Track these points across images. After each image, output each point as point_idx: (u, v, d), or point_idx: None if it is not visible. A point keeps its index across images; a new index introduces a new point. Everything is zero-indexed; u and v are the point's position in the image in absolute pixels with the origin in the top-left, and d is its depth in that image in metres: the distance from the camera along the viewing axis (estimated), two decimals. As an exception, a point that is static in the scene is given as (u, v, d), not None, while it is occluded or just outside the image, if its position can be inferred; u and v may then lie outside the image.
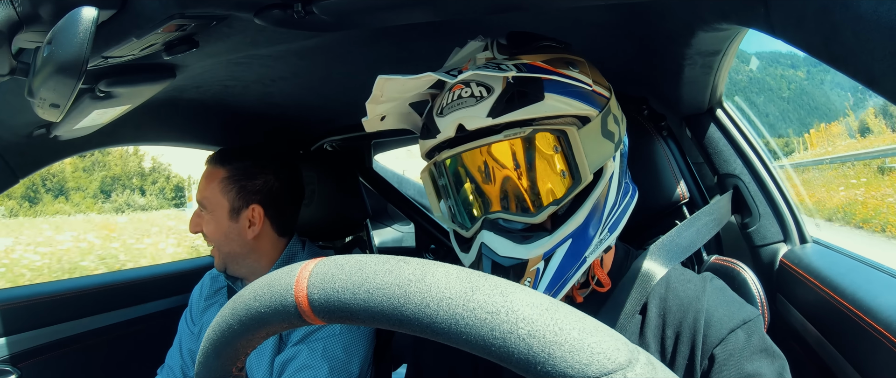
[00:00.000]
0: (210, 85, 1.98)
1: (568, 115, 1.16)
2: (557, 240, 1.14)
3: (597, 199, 1.17)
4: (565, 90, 1.16)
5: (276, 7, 1.22)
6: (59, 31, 1.00)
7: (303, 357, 1.80)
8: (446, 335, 0.56)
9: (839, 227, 12.04)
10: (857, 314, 1.27)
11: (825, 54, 0.77)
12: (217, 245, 2.01)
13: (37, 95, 1.13)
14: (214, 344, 0.72)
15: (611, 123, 1.20)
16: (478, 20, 1.55)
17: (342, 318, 0.61)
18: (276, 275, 0.67)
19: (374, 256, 0.63)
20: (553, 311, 0.54)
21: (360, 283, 0.60)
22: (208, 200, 2.00)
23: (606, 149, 1.19)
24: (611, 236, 1.22)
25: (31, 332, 2.20)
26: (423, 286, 0.57)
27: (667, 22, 1.43)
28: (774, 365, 1.12)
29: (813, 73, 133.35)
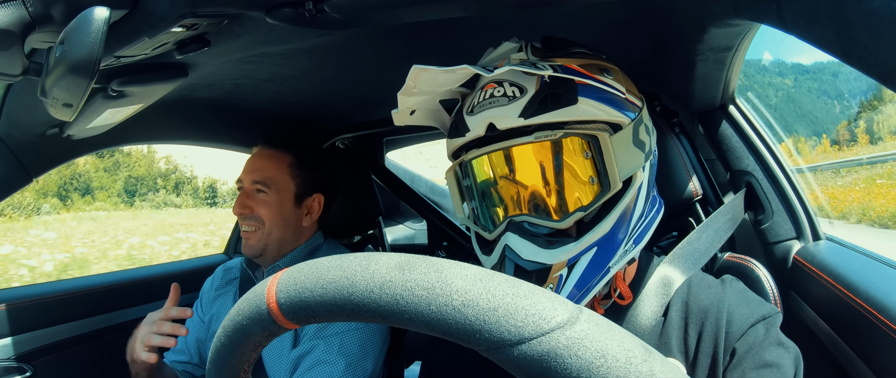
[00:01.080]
0: (222, 83, 1.99)
1: (600, 121, 1.15)
2: (583, 247, 1.13)
3: (625, 208, 1.16)
4: (599, 96, 1.15)
5: (287, 5, 1.22)
6: (71, 31, 1.01)
7: (318, 352, 1.81)
8: (391, 317, 0.58)
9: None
10: (871, 312, 1.27)
11: (838, 50, 0.77)
12: (271, 228, 2.03)
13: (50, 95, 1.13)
14: (214, 362, 0.75)
15: (642, 133, 1.20)
16: (489, 18, 1.54)
17: (307, 316, 0.64)
18: (255, 288, 0.69)
19: (331, 257, 0.66)
20: (486, 280, 0.56)
21: (316, 280, 0.63)
22: (274, 181, 2.05)
23: (637, 158, 1.18)
24: (636, 248, 1.22)
25: (45, 329, 2.21)
26: (367, 274, 0.60)
27: (678, 18, 1.43)
28: (791, 354, 1.13)
29: (800, 80, 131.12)
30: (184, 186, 63.45)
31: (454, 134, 1.27)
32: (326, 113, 2.56)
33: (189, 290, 2.54)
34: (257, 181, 2.04)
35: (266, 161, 2.08)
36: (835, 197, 16.43)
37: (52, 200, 47.74)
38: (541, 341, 0.52)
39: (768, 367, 1.10)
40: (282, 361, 1.89)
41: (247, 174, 2.07)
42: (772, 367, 1.10)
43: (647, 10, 1.49)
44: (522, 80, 1.15)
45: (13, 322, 2.12)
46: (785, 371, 1.09)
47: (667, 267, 1.34)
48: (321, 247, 2.21)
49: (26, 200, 49.24)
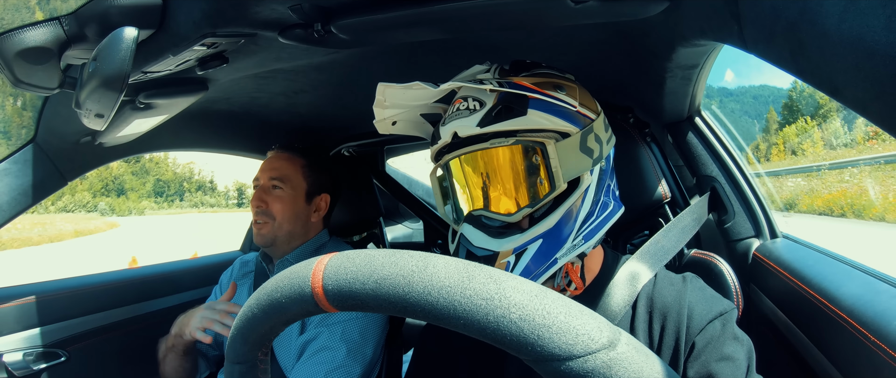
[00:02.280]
0: (239, 96, 1.99)
1: (549, 130, 1.19)
2: (528, 238, 1.18)
3: (570, 206, 1.19)
4: (548, 108, 1.19)
5: (298, 27, 1.23)
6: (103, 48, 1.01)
7: (323, 338, 1.83)
8: (446, 320, 0.57)
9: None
10: (823, 302, 1.27)
11: (793, 68, 0.78)
12: (281, 221, 2.06)
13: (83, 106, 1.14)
14: (242, 331, 0.73)
15: (591, 141, 1.22)
16: (480, 39, 1.55)
17: (353, 305, 0.63)
18: (296, 269, 0.68)
19: (382, 251, 0.64)
20: (542, 296, 0.55)
21: (369, 274, 0.61)
22: (289, 179, 2.09)
23: (583, 162, 1.20)
24: (586, 244, 1.23)
25: (79, 318, 2.20)
26: (424, 276, 0.58)
27: (651, 39, 1.44)
28: (744, 347, 1.14)
29: (725, 102, 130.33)
30: (206, 189, 64.09)
31: (432, 142, 1.33)
32: (333, 124, 2.57)
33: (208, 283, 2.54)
34: (274, 178, 2.07)
35: (283, 161, 2.11)
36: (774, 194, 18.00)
37: (106, 199, 48.18)
38: (587, 360, 0.53)
39: (726, 359, 1.11)
40: (290, 347, 1.89)
41: (264, 172, 2.10)
42: (729, 360, 1.11)
43: (622, 32, 1.50)
44: (483, 97, 1.22)
45: (50, 312, 2.12)
46: (740, 363, 1.11)
47: (635, 262, 1.34)
48: (327, 244, 2.23)
49: (85, 199, 49.84)
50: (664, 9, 1.18)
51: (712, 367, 1.10)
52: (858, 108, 0.66)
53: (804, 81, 0.76)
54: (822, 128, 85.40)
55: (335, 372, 1.76)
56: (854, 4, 0.61)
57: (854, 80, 0.64)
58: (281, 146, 2.17)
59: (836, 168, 33.58)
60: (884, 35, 0.57)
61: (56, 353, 2.11)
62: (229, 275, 2.32)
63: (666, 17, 1.24)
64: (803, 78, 0.76)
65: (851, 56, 0.62)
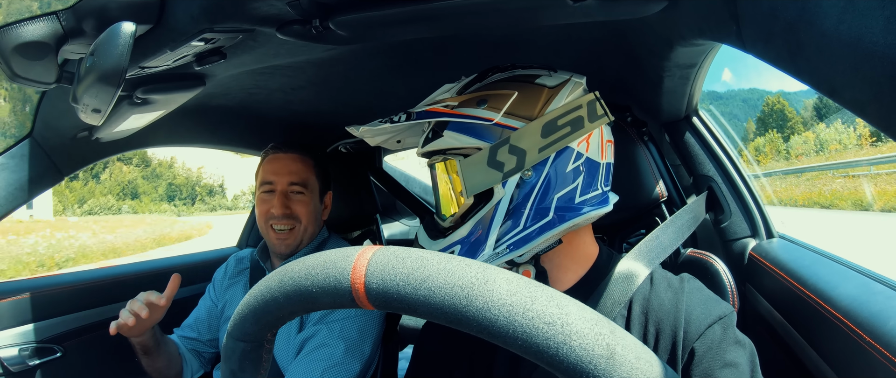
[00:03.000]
0: (236, 92, 1.99)
1: (464, 147, 1.25)
2: (447, 243, 1.27)
3: (481, 217, 1.23)
4: (460, 128, 1.24)
5: (296, 23, 1.23)
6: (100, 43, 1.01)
7: (321, 336, 1.84)
8: (502, 339, 0.55)
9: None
10: (819, 302, 1.28)
11: (791, 67, 0.78)
12: (306, 224, 2.08)
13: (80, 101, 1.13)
14: (255, 310, 0.71)
15: (502, 155, 1.21)
16: (479, 36, 1.55)
17: (397, 308, 0.61)
18: (330, 258, 0.66)
19: (433, 253, 0.62)
20: (600, 325, 0.55)
21: (423, 280, 0.59)
22: (309, 182, 2.10)
23: (490, 176, 1.22)
24: (514, 253, 1.23)
25: (75, 314, 2.20)
26: (485, 290, 0.56)
27: (649, 38, 1.44)
28: (747, 352, 1.13)
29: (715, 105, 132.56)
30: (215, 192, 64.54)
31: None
32: (331, 120, 2.56)
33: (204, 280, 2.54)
34: (296, 182, 2.06)
35: (298, 164, 2.10)
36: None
37: (130, 202, 48.48)
38: None
39: (729, 366, 1.10)
40: (288, 344, 1.90)
41: (281, 176, 2.07)
42: (732, 367, 1.09)
43: (621, 31, 1.50)
44: (433, 121, 1.32)
45: (44, 307, 2.12)
46: (743, 369, 1.10)
47: (630, 261, 1.33)
48: (327, 240, 2.23)
49: (109, 203, 50.30)
50: (663, 8, 1.18)
51: (716, 375, 1.10)
52: (856, 110, 0.66)
53: (802, 82, 0.76)
54: (787, 141, 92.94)
55: (333, 369, 1.77)
56: (853, 5, 0.61)
57: (852, 82, 0.64)
58: (286, 145, 2.14)
59: (792, 173, 41.75)
60: (882, 36, 0.57)
61: (51, 349, 2.11)
62: (223, 271, 2.32)
63: (664, 17, 1.24)
64: (801, 78, 0.76)
65: (850, 57, 0.62)
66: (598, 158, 1.26)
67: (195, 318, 2.26)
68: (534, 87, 1.25)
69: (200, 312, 2.27)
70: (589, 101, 1.25)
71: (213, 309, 2.26)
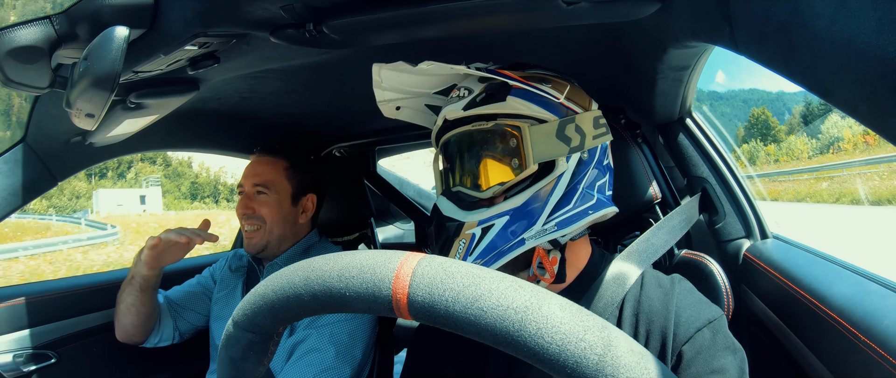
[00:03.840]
0: (230, 96, 1.99)
1: (527, 116, 1.23)
2: (494, 212, 1.21)
3: (540, 188, 1.21)
4: (528, 96, 1.23)
5: (289, 27, 1.23)
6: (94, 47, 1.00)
7: (311, 340, 1.85)
8: (551, 366, 0.55)
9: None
10: (814, 302, 1.28)
11: (784, 69, 0.78)
12: (271, 226, 2.09)
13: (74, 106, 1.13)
14: (272, 304, 0.69)
15: (570, 130, 1.23)
16: (473, 39, 1.55)
17: (442, 324, 0.59)
18: (368, 263, 0.63)
19: (484, 270, 0.61)
20: (647, 359, 0.55)
21: (474, 299, 0.57)
22: (274, 183, 2.11)
23: (557, 148, 1.22)
24: (560, 231, 1.22)
25: (69, 320, 2.20)
26: (539, 316, 0.55)
27: (642, 40, 1.44)
28: (736, 359, 1.13)
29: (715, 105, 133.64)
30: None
31: (434, 126, 1.40)
32: (325, 124, 2.57)
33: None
34: (258, 184, 2.09)
35: (264, 166, 2.13)
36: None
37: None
38: None
39: (717, 373, 1.10)
40: (279, 349, 1.90)
41: (247, 179, 2.11)
42: (719, 374, 1.10)
43: (614, 33, 1.50)
44: (473, 86, 1.30)
45: (40, 313, 2.11)
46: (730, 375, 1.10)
47: (622, 262, 1.34)
48: (315, 245, 2.25)
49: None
50: (656, 10, 1.18)
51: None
52: (849, 110, 0.66)
53: (795, 83, 0.76)
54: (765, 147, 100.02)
55: (324, 374, 1.78)
56: (845, 6, 0.61)
57: (844, 82, 0.64)
58: (263, 149, 2.19)
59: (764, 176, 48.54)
60: (874, 37, 0.57)
61: (46, 355, 2.10)
62: (223, 263, 2.35)
63: (657, 19, 1.24)
64: (794, 79, 0.76)
65: (842, 58, 0.62)
66: (611, 163, 1.34)
67: (188, 288, 2.31)
68: (578, 86, 1.33)
69: (195, 286, 2.31)
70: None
71: (209, 288, 2.31)
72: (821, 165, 46.59)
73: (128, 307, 2.02)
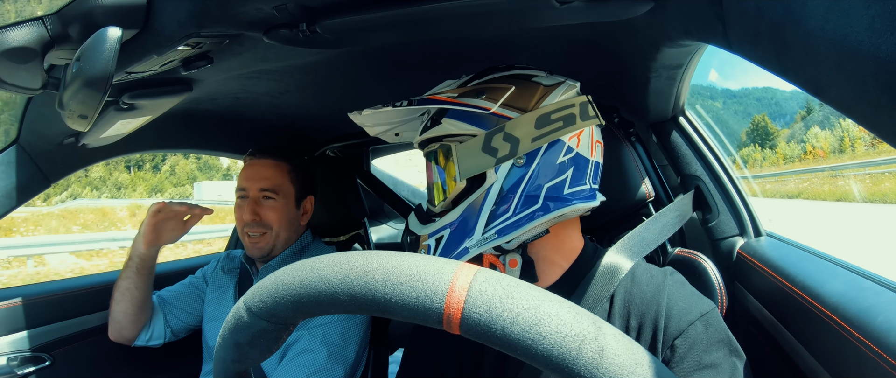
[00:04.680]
0: (224, 97, 1.98)
1: (461, 134, 1.29)
2: (439, 226, 1.30)
3: (472, 201, 1.26)
4: (460, 116, 1.29)
5: (283, 27, 1.23)
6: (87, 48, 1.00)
7: (303, 342, 1.85)
8: None
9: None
10: (807, 299, 1.28)
11: (777, 67, 0.78)
12: (278, 231, 2.09)
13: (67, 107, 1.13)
14: (298, 296, 0.66)
15: (497, 141, 1.24)
16: (466, 38, 1.55)
17: (495, 343, 0.57)
18: (418, 270, 0.61)
19: (543, 293, 0.59)
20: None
21: (533, 323, 0.56)
22: (281, 188, 2.10)
23: (484, 161, 1.25)
24: (501, 238, 1.24)
25: (64, 322, 2.19)
26: (596, 347, 0.55)
27: (636, 39, 1.44)
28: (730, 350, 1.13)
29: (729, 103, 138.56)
30: None
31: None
32: (318, 124, 2.56)
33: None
34: (266, 189, 2.07)
35: (270, 170, 2.11)
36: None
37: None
38: None
39: (710, 367, 1.10)
40: None
41: (252, 182, 2.08)
42: (712, 368, 1.10)
43: (607, 32, 1.50)
44: (432, 109, 1.38)
45: (33, 316, 2.10)
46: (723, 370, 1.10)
47: (614, 254, 1.35)
48: (309, 246, 2.25)
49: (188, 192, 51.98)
50: (649, 9, 1.18)
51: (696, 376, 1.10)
52: (842, 109, 0.66)
53: (788, 81, 0.77)
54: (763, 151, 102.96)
55: (316, 375, 1.78)
56: (838, 5, 0.61)
57: (838, 81, 0.64)
58: (261, 151, 2.16)
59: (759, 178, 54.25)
60: (867, 35, 0.57)
61: (40, 358, 2.09)
62: (215, 264, 2.35)
63: (651, 18, 1.25)
64: (787, 78, 0.76)
65: (835, 56, 0.63)
66: (587, 155, 1.29)
67: (180, 288, 2.31)
68: (530, 83, 1.30)
69: (186, 286, 2.31)
70: (582, 102, 1.29)
71: (201, 287, 2.30)
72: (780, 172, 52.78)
73: (122, 293, 2.02)
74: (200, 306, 2.25)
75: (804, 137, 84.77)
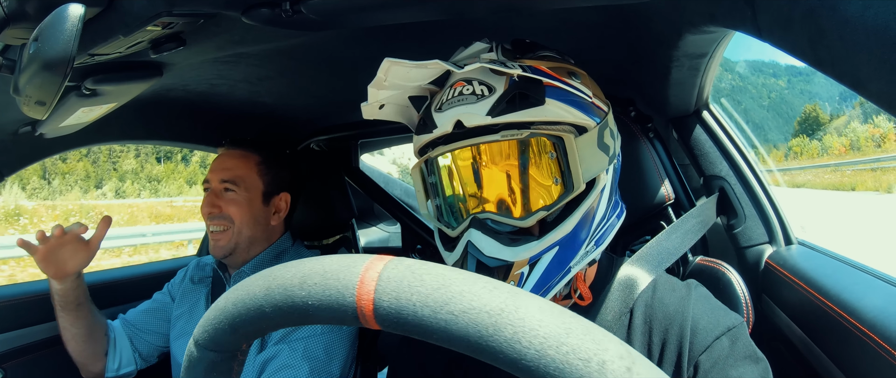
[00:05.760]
0: (197, 83, 1.98)
1: (566, 123, 1.16)
2: (545, 246, 1.14)
3: (587, 209, 1.17)
4: (566, 98, 1.16)
5: (264, 5, 1.22)
6: (45, 28, 1.00)
7: (283, 356, 1.82)
8: (532, 373, 0.53)
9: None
10: (842, 315, 1.28)
11: (812, 57, 0.78)
12: (240, 227, 2.06)
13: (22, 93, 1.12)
14: (232, 318, 0.67)
15: (607, 136, 1.20)
16: (466, 21, 1.54)
17: (411, 331, 0.57)
18: (331, 268, 0.62)
19: (455, 271, 0.59)
20: (638, 364, 0.53)
21: (444, 302, 0.56)
22: (243, 180, 2.07)
23: (601, 160, 1.19)
24: (597, 250, 1.22)
25: (16, 331, 2.18)
26: (515, 318, 0.54)
27: (655, 24, 1.44)
28: (758, 368, 1.13)
29: (794, 82, 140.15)
30: None
31: (422, 130, 1.27)
32: (301, 114, 2.55)
33: (161, 292, 2.52)
34: (226, 180, 2.05)
35: (235, 160, 2.10)
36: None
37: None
38: None
39: None
40: (248, 365, 1.88)
41: (215, 174, 2.08)
42: None
43: (623, 16, 1.50)
44: (491, 80, 1.17)
45: None
46: None
47: (631, 267, 1.34)
48: (288, 250, 2.22)
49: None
50: (670, -9, 1.18)
51: None
52: (882, 104, 0.66)
53: (824, 73, 0.76)
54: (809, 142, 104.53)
55: None
56: None
57: (878, 73, 0.64)
58: (232, 142, 2.15)
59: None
60: None
61: (-9, 370, 2.09)
62: (183, 275, 2.33)
63: (672, 1, 1.24)
64: (823, 69, 0.76)
65: (876, 46, 0.62)
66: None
67: (144, 308, 2.29)
68: (575, 66, 1.27)
69: (151, 304, 2.30)
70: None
71: (166, 305, 2.29)
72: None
73: (64, 333, 2.02)
74: (167, 326, 2.25)
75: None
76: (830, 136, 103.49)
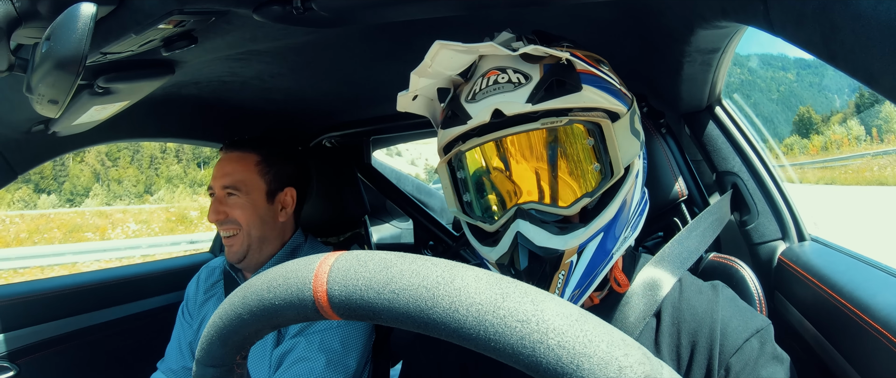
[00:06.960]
0: (209, 81, 1.98)
1: (601, 109, 1.16)
2: (591, 232, 1.13)
3: (626, 194, 1.17)
4: (600, 84, 1.16)
5: (275, 3, 1.22)
6: (57, 26, 1.00)
7: (300, 349, 1.83)
8: (474, 341, 0.54)
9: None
10: (856, 312, 1.27)
11: (824, 52, 0.77)
12: (249, 229, 2.04)
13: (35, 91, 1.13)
14: (221, 331, 0.70)
15: (636, 122, 1.21)
16: (478, 17, 1.54)
17: (363, 316, 0.60)
18: (292, 267, 0.65)
19: (398, 255, 0.61)
20: (582, 321, 0.53)
21: (386, 283, 0.58)
22: (244, 183, 2.04)
23: (634, 146, 1.19)
24: (632, 235, 1.23)
25: (30, 328, 2.19)
26: (451, 289, 0.55)
27: (667, 19, 1.43)
28: (784, 368, 1.14)
29: (802, 75, 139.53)
30: None
31: (452, 123, 1.23)
32: (313, 111, 2.56)
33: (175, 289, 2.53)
34: (227, 186, 2.04)
35: (233, 164, 2.08)
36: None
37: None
38: None
39: None
40: (264, 359, 1.89)
41: (216, 180, 2.06)
42: None
43: (635, 11, 1.49)
44: (526, 68, 1.15)
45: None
46: None
47: (654, 268, 1.34)
48: (302, 246, 2.22)
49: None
50: (681, -14, 1.18)
51: None
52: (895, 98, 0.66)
53: (837, 68, 0.76)
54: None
55: None
56: None
57: (891, 68, 0.63)
58: (230, 144, 2.13)
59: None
60: None
61: (4, 367, 2.10)
62: (195, 285, 2.31)
63: None
64: (835, 64, 0.76)
65: (889, 41, 0.62)
66: None
67: (179, 346, 2.23)
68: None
69: (181, 342, 2.24)
70: None
71: (191, 333, 2.23)
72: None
73: None
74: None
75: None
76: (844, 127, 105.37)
